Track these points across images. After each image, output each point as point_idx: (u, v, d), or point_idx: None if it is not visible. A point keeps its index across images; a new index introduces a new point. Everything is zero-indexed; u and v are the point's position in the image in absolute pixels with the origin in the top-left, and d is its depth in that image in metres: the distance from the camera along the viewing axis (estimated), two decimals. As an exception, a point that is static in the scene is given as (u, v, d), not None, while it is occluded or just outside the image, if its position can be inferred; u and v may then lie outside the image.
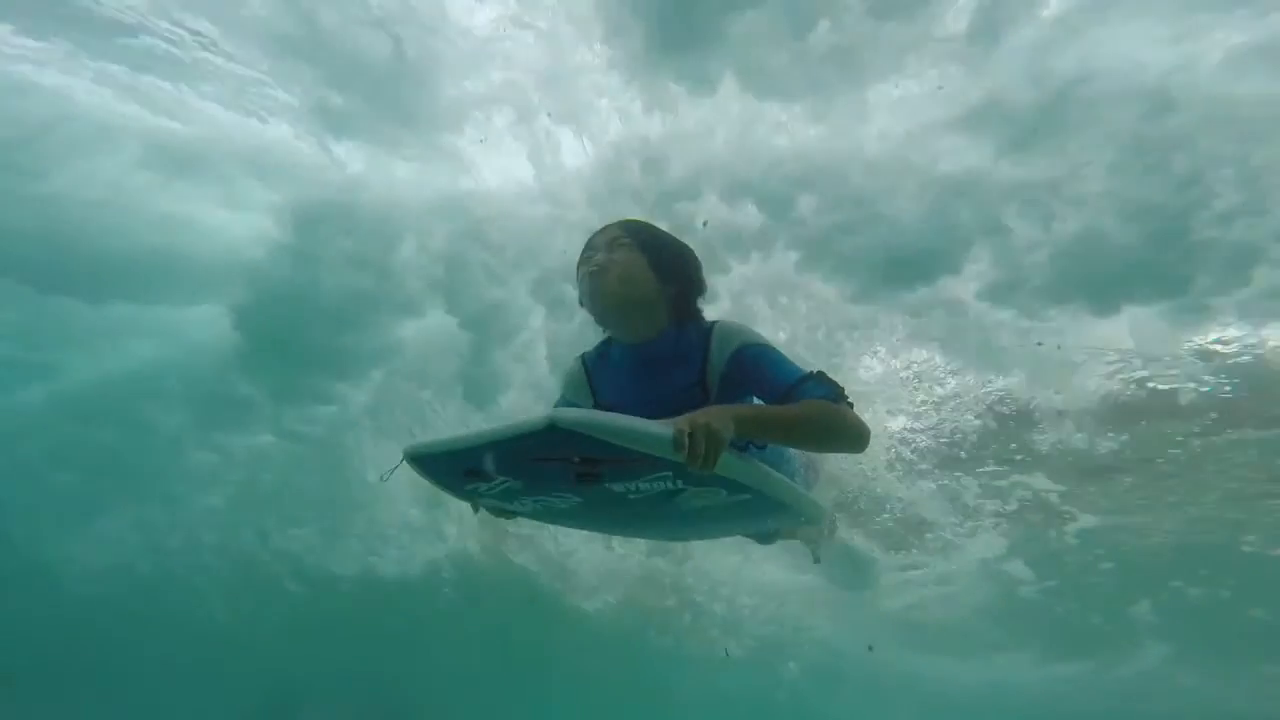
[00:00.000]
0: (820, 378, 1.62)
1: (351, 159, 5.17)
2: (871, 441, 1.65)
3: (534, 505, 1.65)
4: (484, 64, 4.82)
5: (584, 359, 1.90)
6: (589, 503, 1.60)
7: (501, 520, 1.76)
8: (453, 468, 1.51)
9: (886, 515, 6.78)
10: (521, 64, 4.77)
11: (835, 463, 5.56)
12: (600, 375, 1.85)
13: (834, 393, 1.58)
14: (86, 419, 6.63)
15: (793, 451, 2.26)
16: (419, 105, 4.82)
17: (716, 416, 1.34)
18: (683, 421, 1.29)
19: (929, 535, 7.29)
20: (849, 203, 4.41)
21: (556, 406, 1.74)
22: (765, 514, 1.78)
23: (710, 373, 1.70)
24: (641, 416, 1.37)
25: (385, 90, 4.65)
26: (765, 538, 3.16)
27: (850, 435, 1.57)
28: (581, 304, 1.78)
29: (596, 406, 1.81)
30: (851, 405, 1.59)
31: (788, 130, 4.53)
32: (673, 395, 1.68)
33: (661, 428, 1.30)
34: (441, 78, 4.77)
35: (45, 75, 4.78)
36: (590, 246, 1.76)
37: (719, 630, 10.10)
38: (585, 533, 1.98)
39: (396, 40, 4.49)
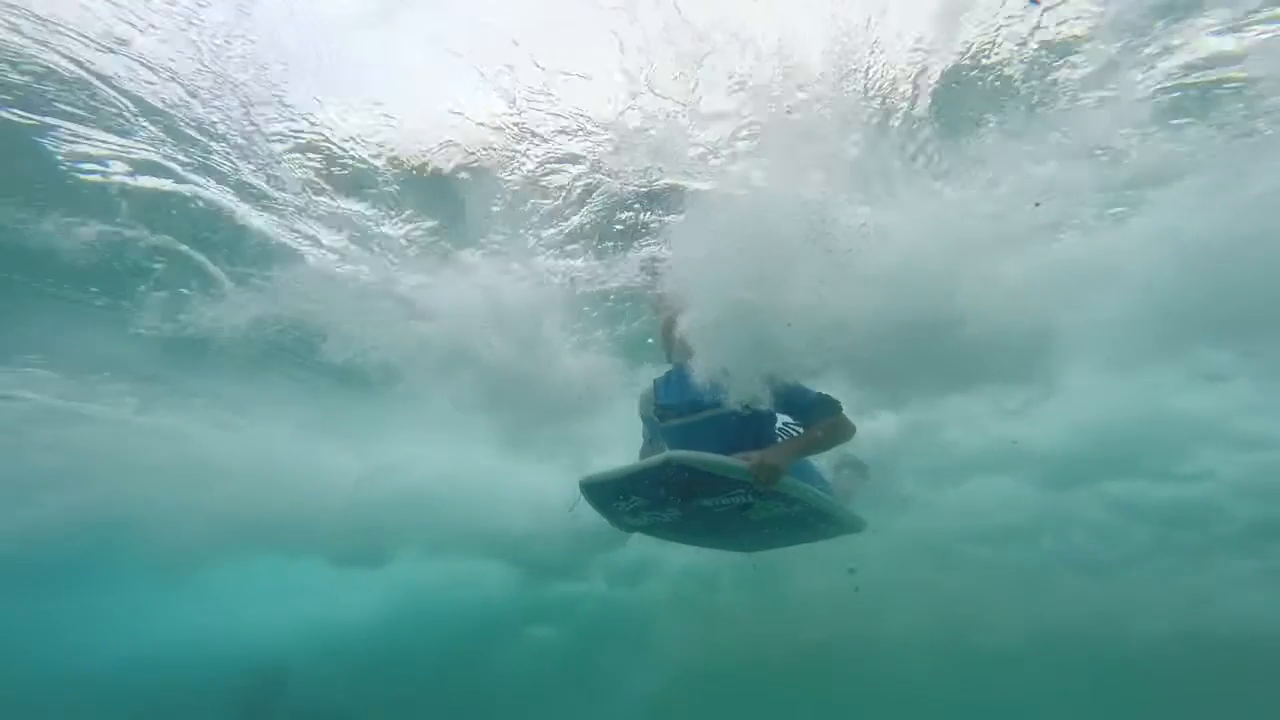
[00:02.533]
0: (828, 400, 2.48)
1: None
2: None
3: (649, 519, 2.45)
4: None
5: (655, 380, 2.92)
6: (685, 516, 2.39)
7: (623, 533, 2.62)
8: (605, 491, 2.36)
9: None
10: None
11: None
12: (662, 387, 2.85)
13: (836, 407, 2.47)
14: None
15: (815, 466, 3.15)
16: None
17: (773, 455, 2.19)
18: (755, 456, 2.15)
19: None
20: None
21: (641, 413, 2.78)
22: (816, 524, 2.58)
23: None
24: (683, 410, 2.37)
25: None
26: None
27: (846, 436, 2.48)
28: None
29: (656, 408, 2.75)
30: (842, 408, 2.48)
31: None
32: (701, 398, 2.53)
33: (739, 461, 2.11)
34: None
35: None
36: None
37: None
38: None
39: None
